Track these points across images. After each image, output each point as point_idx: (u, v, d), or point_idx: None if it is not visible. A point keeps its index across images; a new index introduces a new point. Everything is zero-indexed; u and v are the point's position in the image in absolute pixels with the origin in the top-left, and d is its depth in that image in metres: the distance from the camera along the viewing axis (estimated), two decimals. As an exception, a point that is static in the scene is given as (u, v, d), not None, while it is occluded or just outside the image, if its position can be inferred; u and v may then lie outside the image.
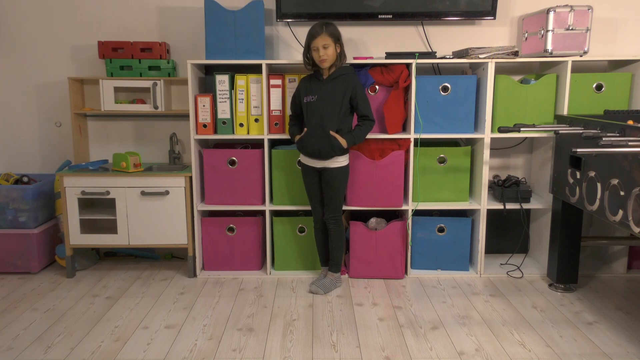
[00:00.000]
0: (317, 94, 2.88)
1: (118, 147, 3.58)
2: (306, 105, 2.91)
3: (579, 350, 2.36)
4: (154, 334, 2.52)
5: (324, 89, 2.87)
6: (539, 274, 3.25)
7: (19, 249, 3.27)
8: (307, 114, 2.91)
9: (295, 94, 3.00)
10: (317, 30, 2.80)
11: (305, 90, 2.93)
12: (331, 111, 2.85)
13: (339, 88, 2.86)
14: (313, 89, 2.90)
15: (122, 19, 3.44)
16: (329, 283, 3.02)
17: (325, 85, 2.88)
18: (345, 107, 2.88)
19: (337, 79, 2.87)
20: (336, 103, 2.86)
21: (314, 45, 2.81)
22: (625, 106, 3.12)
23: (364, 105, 2.90)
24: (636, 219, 2.22)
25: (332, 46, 2.81)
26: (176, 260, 3.59)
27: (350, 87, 2.86)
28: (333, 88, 2.86)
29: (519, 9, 3.41)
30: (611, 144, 2.23)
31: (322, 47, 2.79)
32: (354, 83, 2.88)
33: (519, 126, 2.87)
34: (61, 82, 3.51)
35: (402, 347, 2.40)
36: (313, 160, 2.93)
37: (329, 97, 2.86)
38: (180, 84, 3.49)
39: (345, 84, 2.86)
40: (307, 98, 2.91)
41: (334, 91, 2.86)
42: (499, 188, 3.26)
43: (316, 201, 3.04)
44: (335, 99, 2.86)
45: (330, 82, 2.87)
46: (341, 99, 2.86)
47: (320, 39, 2.78)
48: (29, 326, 2.61)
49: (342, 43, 2.88)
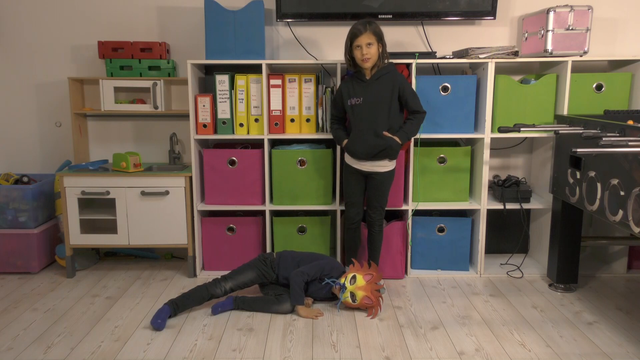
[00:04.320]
0: (363, 96, 2.79)
1: (118, 147, 3.58)
2: (352, 108, 2.83)
3: (579, 350, 2.36)
4: (154, 334, 2.52)
5: (370, 90, 2.79)
6: (539, 274, 3.25)
7: (19, 249, 3.27)
8: (353, 117, 2.83)
9: (337, 97, 2.91)
10: (360, 29, 2.70)
11: (348, 92, 2.84)
12: (380, 112, 2.79)
13: (385, 87, 2.78)
14: (357, 91, 2.81)
15: (122, 19, 3.45)
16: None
17: (370, 86, 2.79)
18: (395, 105, 2.81)
19: (381, 79, 2.79)
20: (384, 103, 2.79)
21: (356, 43, 2.71)
22: (625, 106, 3.12)
23: (414, 101, 2.82)
24: (636, 219, 2.22)
25: (375, 45, 2.72)
26: (176, 260, 3.59)
27: (397, 84, 2.79)
28: (379, 88, 2.78)
29: (519, 9, 3.41)
30: (611, 144, 2.23)
31: (365, 45, 2.70)
32: (400, 80, 2.80)
33: (519, 126, 2.87)
34: (61, 82, 3.51)
35: (402, 347, 2.40)
36: (362, 163, 2.85)
37: (377, 98, 2.78)
38: (180, 84, 3.49)
39: (391, 82, 2.78)
40: (351, 101, 2.82)
41: (381, 91, 2.78)
42: (499, 188, 3.26)
43: (356, 203, 2.94)
44: (383, 100, 2.78)
45: (375, 82, 2.79)
46: (389, 99, 2.78)
47: (364, 37, 2.69)
48: (29, 326, 2.61)
49: (385, 42, 2.78)
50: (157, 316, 2.59)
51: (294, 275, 2.73)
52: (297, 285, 2.71)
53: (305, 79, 3.15)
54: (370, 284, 2.70)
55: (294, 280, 2.72)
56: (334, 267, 2.86)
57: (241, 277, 2.81)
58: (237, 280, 2.80)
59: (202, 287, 2.75)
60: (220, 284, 2.76)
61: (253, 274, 2.83)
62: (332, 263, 2.89)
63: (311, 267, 2.79)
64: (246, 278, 2.82)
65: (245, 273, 2.83)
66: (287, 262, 2.86)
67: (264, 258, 2.88)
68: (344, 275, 2.79)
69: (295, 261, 2.86)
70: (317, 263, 2.82)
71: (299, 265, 2.82)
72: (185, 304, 2.71)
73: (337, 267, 2.88)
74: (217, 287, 2.76)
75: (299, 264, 2.84)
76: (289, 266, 2.83)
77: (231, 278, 2.80)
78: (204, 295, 2.73)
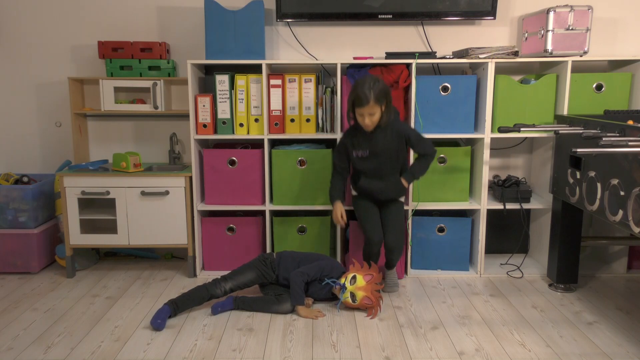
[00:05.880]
0: (368, 148, 2.80)
1: (118, 147, 3.58)
2: (358, 159, 2.85)
3: (579, 350, 2.36)
4: (154, 334, 2.52)
5: (375, 143, 2.79)
6: (539, 274, 3.25)
7: (19, 249, 3.27)
8: (361, 167, 2.85)
9: (341, 148, 2.90)
10: (365, 96, 2.62)
11: (353, 144, 2.83)
12: (388, 162, 2.82)
13: (390, 138, 2.79)
14: (362, 143, 2.81)
15: (122, 19, 3.45)
16: (394, 277, 3.01)
17: (375, 138, 2.78)
18: (402, 153, 2.85)
19: (385, 130, 2.78)
20: (391, 153, 2.81)
21: (359, 112, 2.69)
22: (625, 106, 3.12)
23: (420, 144, 2.83)
24: (636, 219, 2.22)
25: (379, 112, 2.69)
26: (176, 260, 3.59)
27: (402, 132, 2.80)
28: (384, 140, 2.78)
29: (519, 9, 3.41)
30: (611, 144, 2.23)
31: (367, 114, 2.67)
32: (404, 127, 2.83)
33: (519, 126, 2.87)
34: (61, 82, 3.50)
35: (402, 347, 2.40)
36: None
37: (383, 150, 2.80)
38: (180, 84, 3.49)
39: (395, 131, 2.79)
40: (357, 153, 2.83)
41: (386, 143, 2.79)
42: (499, 188, 3.26)
43: (378, 223, 2.86)
44: (389, 150, 2.80)
45: (380, 133, 2.78)
46: (396, 149, 2.81)
47: (367, 108, 2.64)
48: (29, 326, 2.61)
49: (390, 99, 2.71)
50: (157, 316, 2.59)
51: (294, 276, 2.73)
52: (297, 285, 2.71)
53: (305, 79, 3.15)
54: (370, 284, 2.70)
55: (294, 281, 2.72)
56: (334, 267, 2.86)
57: (241, 278, 2.81)
58: (237, 280, 2.80)
59: (202, 287, 2.75)
60: (220, 284, 2.76)
61: (253, 274, 2.83)
62: (332, 263, 2.89)
63: (311, 267, 2.79)
64: (246, 278, 2.82)
65: (246, 273, 2.83)
66: (287, 262, 2.86)
67: (264, 258, 2.88)
68: (344, 275, 2.79)
69: (296, 261, 2.86)
70: (317, 263, 2.83)
71: (299, 265, 2.82)
72: (185, 304, 2.71)
73: (337, 267, 2.88)
74: (217, 287, 2.75)
75: (299, 264, 2.84)
76: (289, 266, 2.83)
77: (231, 278, 2.80)
78: (204, 295, 2.73)
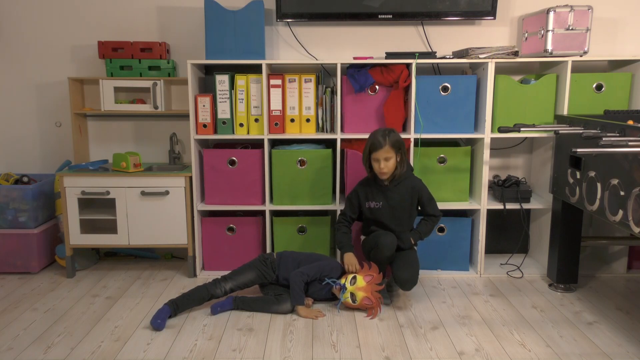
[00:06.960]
0: (382, 201, 2.84)
1: (118, 147, 3.58)
2: (371, 210, 2.88)
3: (579, 350, 2.36)
4: (154, 334, 2.52)
5: (389, 196, 2.83)
6: (539, 274, 3.25)
7: (19, 249, 3.27)
8: (373, 218, 2.89)
9: (353, 198, 2.92)
10: (379, 142, 2.70)
11: (366, 196, 2.87)
12: (400, 217, 2.85)
13: (405, 194, 2.83)
14: (376, 196, 2.85)
15: (122, 19, 3.44)
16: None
17: (390, 191, 2.83)
18: (414, 209, 2.89)
19: (400, 185, 2.83)
20: (405, 209, 2.85)
21: (375, 157, 2.73)
22: (625, 106, 3.12)
23: (430, 205, 2.88)
24: (636, 219, 2.22)
25: (394, 158, 2.74)
26: (176, 260, 3.59)
27: (416, 191, 2.85)
28: (399, 194, 2.83)
29: (519, 9, 3.41)
30: (611, 144, 2.23)
31: (383, 159, 2.71)
32: (419, 185, 2.86)
33: (519, 126, 2.87)
34: (61, 82, 3.50)
35: (402, 347, 2.40)
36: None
37: (397, 204, 2.83)
38: (180, 84, 3.49)
39: (410, 187, 2.84)
40: (370, 204, 2.87)
41: (400, 197, 2.83)
42: (499, 188, 3.26)
43: (389, 232, 2.83)
44: (403, 205, 2.84)
45: (394, 188, 2.82)
46: (409, 205, 2.85)
47: (382, 151, 2.70)
48: (29, 326, 2.61)
49: (405, 150, 2.79)
50: (157, 316, 2.59)
51: (293, 276, 2.73)
52: (297, 285, 2.71)
53: (305, 79, 3.15)
54: (370, 285, 2.70)
55: (294, 281, 2.72)
56: (334, 267, 2.86)
57: (241, 278, 2.81)
58: (237, 280, 2.80)
59: (202, 287, 2.75)
60: (220, 284, 2.76)
61: (253, 274, 2.83)
62: (332, 263, 2.89)
63: (311, 267, 2.79)
64: (246, 278, 2.82)
65: (246, 273, 2.83)
66: (287, 262, 2.86)
67: (264, 258, 2.88)
68: (344, 275, 2.79)
69: (296, 261, 2.86)
70: (317, 264, 2.83)
71: (299, 265, 2.82)
72: (185, 304, 2.71)
73: (337, 267, 2.88)
74: (217, 287, 2.75)
75: (299, 264, 2.84)
76: (289, 266, 2.83)
77: (231, 278, 2.80)
78: (204, 295, 2.73)
